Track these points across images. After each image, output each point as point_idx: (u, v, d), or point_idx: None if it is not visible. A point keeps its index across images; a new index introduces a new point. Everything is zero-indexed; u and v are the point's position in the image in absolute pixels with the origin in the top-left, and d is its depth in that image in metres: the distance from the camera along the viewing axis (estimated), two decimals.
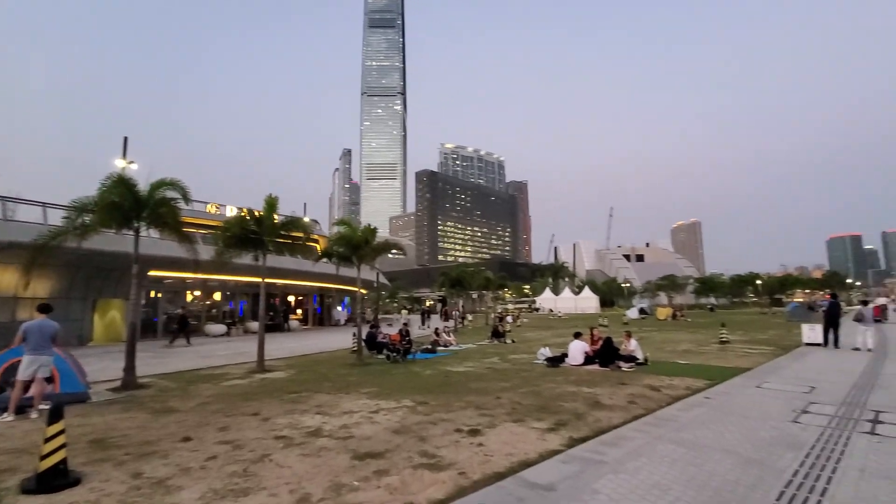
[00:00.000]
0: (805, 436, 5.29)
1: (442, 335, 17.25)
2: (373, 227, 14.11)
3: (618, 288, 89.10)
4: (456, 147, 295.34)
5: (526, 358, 13.23)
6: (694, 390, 8.04)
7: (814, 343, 14.61)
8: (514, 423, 6.09)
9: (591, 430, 5.70)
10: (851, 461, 4.47)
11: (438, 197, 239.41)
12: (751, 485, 3.95)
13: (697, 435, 5.37)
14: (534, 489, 3.92)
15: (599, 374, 10.02)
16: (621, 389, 8.26)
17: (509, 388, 8.67)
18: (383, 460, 4.78)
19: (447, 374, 10.58)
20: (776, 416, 6.16)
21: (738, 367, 10.80)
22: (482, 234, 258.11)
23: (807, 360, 11.85)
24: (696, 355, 13.35)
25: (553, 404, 7.17)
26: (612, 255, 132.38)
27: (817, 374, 9.58)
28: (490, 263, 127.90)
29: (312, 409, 7.23)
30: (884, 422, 5.84)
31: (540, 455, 4.80)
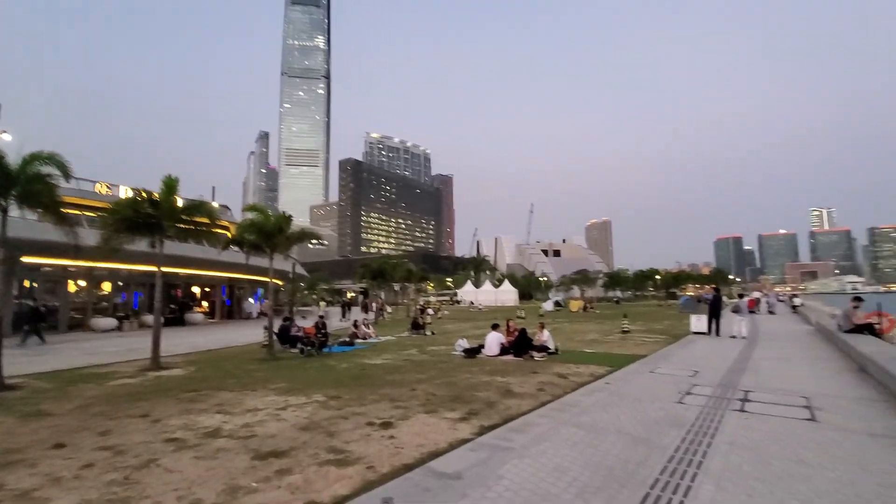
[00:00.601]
0: (687, 415, 5.85)
1: (361, 327, 16.91)
2: (287, 215, 13.38)
3: (536, 281, 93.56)
4: (382, 137, 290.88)
5: (444, 349, 13.37)
6: (597, 377, 8.58)
7: (700, 332, 16.30)
8: (427, 415, 6.09)
9: (501, 417, 5.85)
10: (723, 436, 5.00)
11: (363, 187, 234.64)
12: (639, 462, 4.26)
13: (596, 418, 5.72)
14: (441, 478, 3.92)
15: (513, 364, 10.38)
16: (532, 378, 8.61)
17: (425, 379, 8.68)
18: (287, 459, 4.53)
19: (363, 367, 10.37)
20: (664, 398, 6.75)
21: (635, 354, 11.73)
22: (406, 227, 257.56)
23: (693, 347, 13.18)
24: (601, 344, 14.32)
25: (467, 394, 7.28)
26: (532, 250, 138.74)
27: (701, 359, 10.68)
28: (413, 256, 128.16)
29: (212, 408, 6.70)
30: (751, 400, 6.63)
31: (450, 444, 4.83)
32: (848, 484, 3.77)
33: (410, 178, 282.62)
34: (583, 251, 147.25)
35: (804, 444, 4.74)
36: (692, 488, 3.70)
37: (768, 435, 5.03)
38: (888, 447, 4.63)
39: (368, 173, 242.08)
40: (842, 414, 5.88)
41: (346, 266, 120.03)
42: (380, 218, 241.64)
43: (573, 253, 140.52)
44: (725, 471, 4.06)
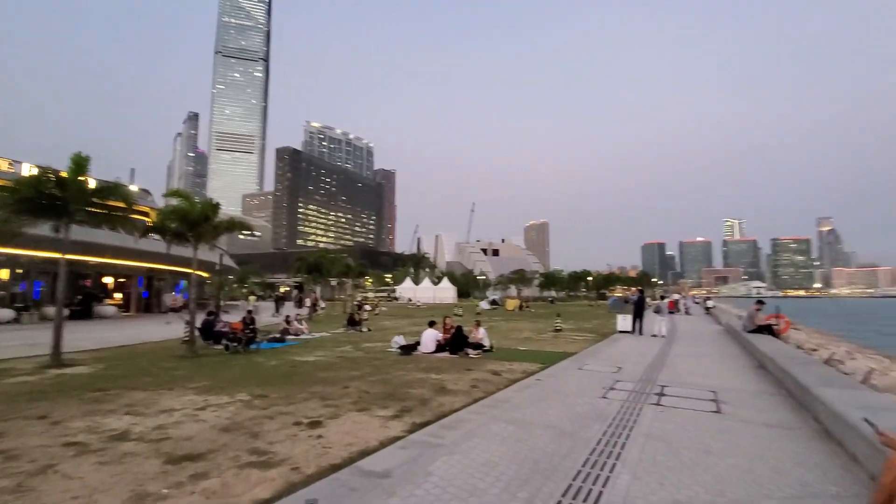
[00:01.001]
0: (610, 409, 6.16)
1: (293, 323, 16.29)
2: (215, 203, 12.54)
3: (474, 280, 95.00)
4: (323, 127, 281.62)
5: (380, 346, 13.19)
6: (529, 373, 8.83)
7: (625, 331, 17.30)
8: (358, 413, 5.95)
9: (433, 414, 5.84)
10: (640, 428, 5.31)
11: (301, 177, 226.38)
12: (564, 454, 4.42)
13: (526, 413, 5.87)
14: (369, 477, 3.84)
15: (448, 361, 10.43)
16: (466, 375, 8.69)
17: (359, 376, 8.51)
18: (204, 462, 4.24)
19: (294, 365, 9.97)
20: (590, 394, 7.07)
21: (566, 351, 12.22)
22: (346, 221, 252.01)
23: (619, 344, 13.96)
24: (534, 342, 14.78)
25: (401, 391, 7.21)
26: (472, 249, 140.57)
27: (625, 356, 11.32)
28: (352, 251, 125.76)
29: (121, 408, 6.14)
30: (666, 394, 7.10)
31: (380, 443, 4.75)
32: (747, 470, 4.12)
33: (352, 171, 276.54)
34: (521, 251, 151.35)
35: (710, 434, 5.14)
36: (611, 478, 3.88)
37: (679, 426, 5.41)
38: (781, 437, 5.13)
39: (307, 163, 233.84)
40: (743, 406, 6.45)
41: (281, 259, 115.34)
42: (318, 210, 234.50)
43: (511, 253, 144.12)
44: (641, 461, 4.31)
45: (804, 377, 6.47)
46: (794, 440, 4.99)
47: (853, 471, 4.11)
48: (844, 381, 6.60)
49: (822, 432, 5.22)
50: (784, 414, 6.10)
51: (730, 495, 3.61)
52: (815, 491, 3.72)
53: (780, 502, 3.51)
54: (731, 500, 3.53)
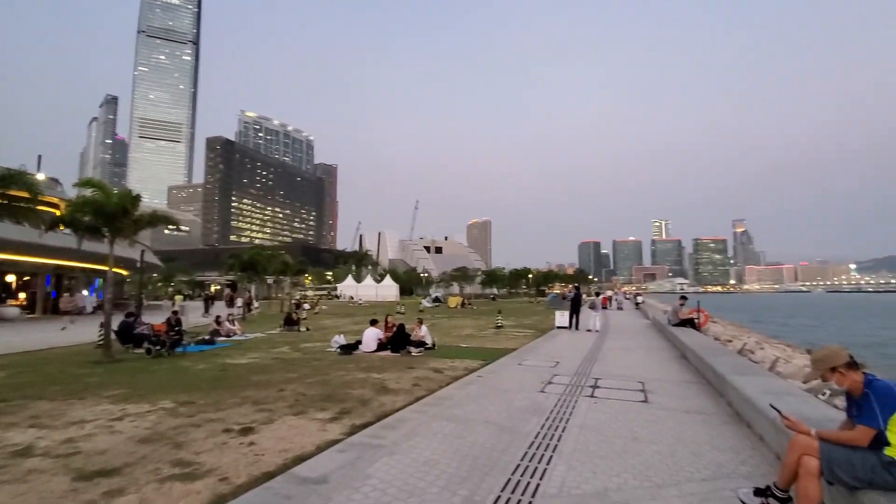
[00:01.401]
0: (547, 403, 6.35)
1: (224, 324, 15.42)
2: (135, 194, 11.53)
3: (417, 277, 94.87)
4: (259, 117, 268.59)
5: (319, 346, 12.80)
6: (470, 370, 8.91)
7: (563, 326, 17.99)
8: (295, 417, 5.71)
9: (374, 415, 5.73)
10: (576, 420, 5.51)
11: (234, 170, 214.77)
12: (503, 449, 4.48)
13: (467, 410, 5.92)
14: (304, 484, 3.68)
15: (390, 360, 10.31)
16: (408, 373, 8.63)
17: (296, 378, 8.19)
18: (120, 477, 3.88)
19: (224, 368, 9.42)
20: (529, 388, 7.26)
21: (506, 348, 12.48)
22: (284, 216, 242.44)
23: (557, 340, 14.47)
24: (476, 339, 14.98)
25: (340, 392, 7.01)
26: (415, 246, 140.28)
27: (562, 351, 11.76)
28: (291, 247, 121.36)
29: (24, 421, 5.50)
30: (600, 386, 7.44)
31: (317, 447, 4.58)
32: (669, 455, 4.39)
33: (290, 164, 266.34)
34: (463, 249, 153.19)
35: (638, 422, 5.44)
36: (548, 470, 3.99)
37: (611, 416, 5.68)
38: (699, 422, 5.52)
39: (242, 155, 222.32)
40: (667, 395, 6.89)
41: (213, 256, 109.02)
42: (253, 205, 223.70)
43: (454, 250, 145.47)
44: (576, 451, 4.46)
45: (720, 366, 7.01)
46: (711, 425, 5.39)
47: (761, 451, 4.50)
48: (754, 370, 7.23)
49: (735, 416, 5.68)
50: (703, 401, 6.58)
51: (655, 479, 3.82)
52: (728, 471, 4.02)
53: (698, 484, 3.76)
54: (656, 484, 3.74)
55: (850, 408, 2.97)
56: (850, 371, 2.86)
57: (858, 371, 2.87)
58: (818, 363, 2.98)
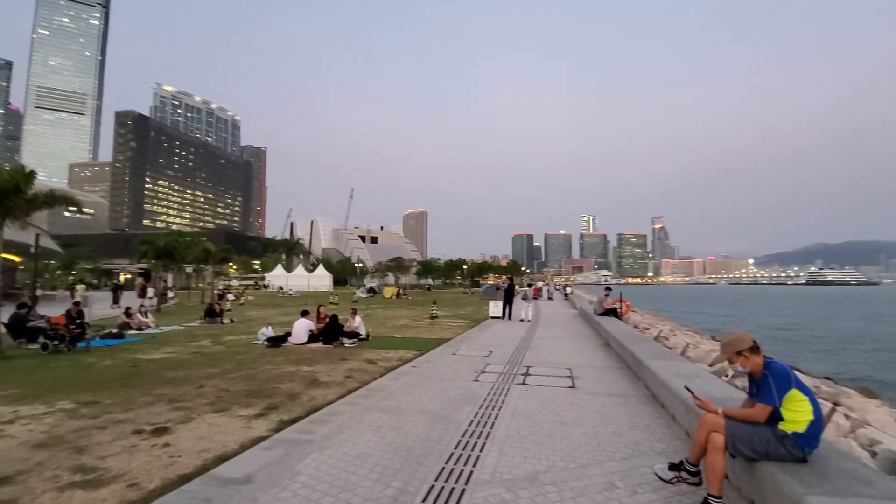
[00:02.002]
0: (481, 391, 6.45)
1: (136, 316, 14.15)
2: (28, 170, 10.18)
3: (351, 267, 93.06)
4: (178, 92, 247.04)
5: (244, 339, 12.13)
6: (405, 361, 8.86)
7: (496, 316, 18.41)
8: (216, 414, 5.35)
9: (304, 409, 5.50)
10: (508, 407, 5.65)
11: (149, 148, 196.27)
12: (437, 439, 4.48)
13: (401, 401, 5.86)
14: (226, 485, 3.45)
15: (322, 352, 10.00)
16: (341, 365, 8.41)
17: (217, 374, 7.68)
18: (11, 486, 3.44)
19: (135, 364, 8.63)
20: (463, 377, 7.34)
21: (441, 338, 12.56)
22: (206, 201, 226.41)
23: (490, 329, 14.79)
24: (411, 329, 14.94)
25: (267, 387, 6.67)
26: (349, 236, 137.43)
27: (495, 340, 12.03)
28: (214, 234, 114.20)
29: None
30: (531, 374, 7.69)
31: (241, 445, 4.31)
32: (593, 436, 4.63)
33: (214, 145, 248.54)
34: (399, 239, 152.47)
35: (566, 407, 5.68)
36: (481, 457, 4.04)
37: (541, 402, 5.88)
38: (620, 404, 5.88)
39: (158, 132, 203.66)
40: (592, 380, 7.27)
41: (122, 242, 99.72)
42: (171, 188, 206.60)
43: (390, 240, 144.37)
44: (508, 437, 4.57)
45: (639, 352, 7.51)
46: (630, 406, 5.76)
47: (673, 429, 4.87)
48: (668, 354, 7.82)
49: (651, 398, 6.11)
50: (623, 384, 7.02)
51: (580, 460, 4.01)
52: (645, 449, 4.31)
53: (619, 462, 3.98)
54: (581, 465, 3.91)
55: (751, 387, 3.27)
56: (752, 355, 3.14)
57: (760, 354, 3.15)
58: (726, 347, 3.25)
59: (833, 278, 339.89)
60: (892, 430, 5.51)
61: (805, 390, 3.00)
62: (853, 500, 2.44)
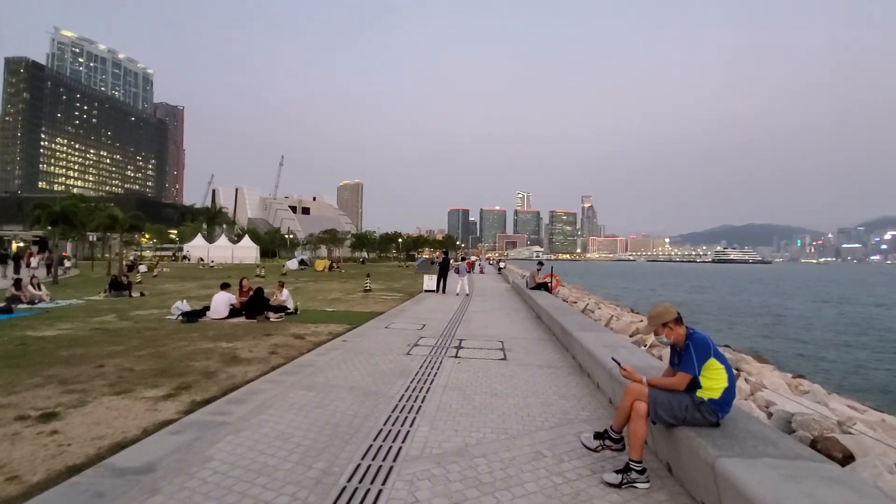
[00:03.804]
0: (413, 364, 6.34)
1: (27, 288, 12.50)
2: None
3: (281, 238, 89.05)
4: (80, 38, 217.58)
5: (156, 314, 11.11)
6: (335, 335, 8.54)
7: (431, 290, 18.43)
8: (116, 397, 4.79)
9: (220, 389, 5.08)
10: (440, 380, 5.58)
11: (45, 101, 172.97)
12: (366, 415, 4.31)
13: (329, 377, 5.60)
14: (123, 476, 3.06)
15: (244, 327, 9.39)
16: (265, 341, 7.93)
17: (121, 352, 6.94)
18: None
19: (23, 342, 7.58)
20: (395, 351, 7.19)
21: (374, 311, 12.31)
22: (113, 162, 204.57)
23: (424, 303, 14.73)
24: (343, 303, 14.51)
25: (179, 366, 6.11)
26: (279, 205, 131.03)
27: (429, 313, 11.98)
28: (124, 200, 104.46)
29: None
30: (464, 347, 7.69)
31: (144, 431, 3.88)
32: (523, 406, 4.68)
33: (122, 100, 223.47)
34: (333, 210, 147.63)
35: (497, 378, 5.72)
36: (411, 432, 3.93)
37: (473, 375, 5.88)
38: (549, 375, 6.02)
39: (55, 83, 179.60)
40: (523, 352, 7.42)
41: (14, 206, 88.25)
42: (71, 146, 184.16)
43: (323, 211, 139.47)
44: (439, 411, 4.49)
45: (567, 324, 7.75)
46: (558, 377, 5.92)
47: (598, 397, 5.06)
48: (594, 326, 8.16)
49: (578, 368, 6.33)
50: (552, 355, 7.23)
51: (511, 431, 4.02)
52: (571, 418, 4.42)
53: (547, 432, 4.04)
54: (511, 436, 3.93)
55: (672, 357, 3.38)
56: (676, 326, 3.24)
57: (682, 326, 3.26)
58: (653, 319, 3.32)
59: (735, 257, 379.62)
60: (784, 392, 6.15)
61: (721, 359, 3.14)
62: (760, 460, 2.59)
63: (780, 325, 24.79)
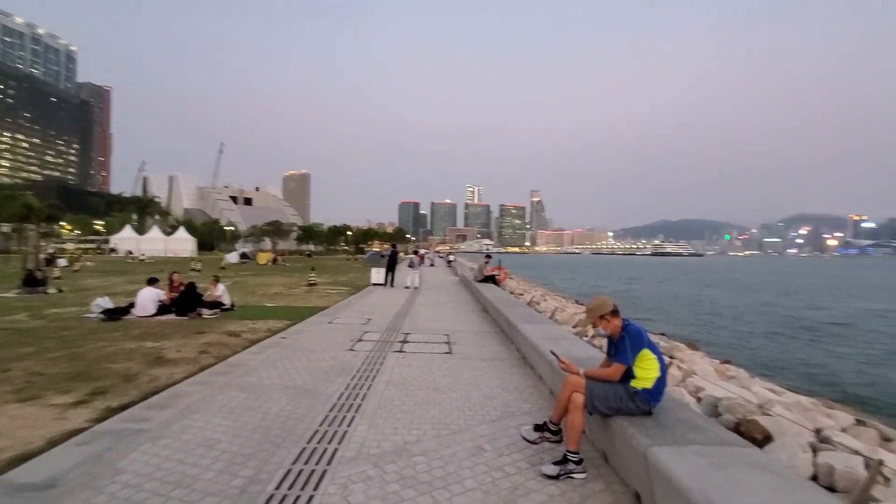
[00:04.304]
0: (355, 361, 6.15)
1: None
2: None
3: (220, 230, 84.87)
4: None
5: (74, 312, 10.16)
6: (274, 332, 8.16)
7: (378, 283, 18.12)
8: (20, 404, 4.30)
9: (140, 393, 4.68)
10: (382, 376, 5.45)
11: None
12: (301, 416, 4.11)
13: (263, 376, 5.32)
14: (20, 493, 2.74)
15: (174, 325, 8.77)
16: (196, 339, 7.43)
17: (32, 354, 6.26)
18: None
19: None
20: (337, 347, 6.96)
21: (318, 306, 11.92)
22: (31, 146, 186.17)
23: (371, 296, 14.46)
24: (285, 297, 13.96)
25: (95, 369, 5.58)
26: (218, 195, 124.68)
27: (375, 307, 11.75)
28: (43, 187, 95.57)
29: None
30: (409, 341, 7.58)
31: (49, 441, 3.49)
32: (466, 401, 4.64)
33: (41, 79, 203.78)
34: (278, 202, 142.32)
35: (441, 373, 5.66)
36: (348, 432, 3.78)
37: (417, 370, 5.79)
38: (493, 368, 6.04)
39: None
40: (468, 345, 7.41)
41: None
42: None
43: (267, 202, 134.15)
44: (379, 408, 4.36)
45: (513, 316, 7.83)
46: (502, 369, 5.95)
47: (540, 388, 5.12)
48: (539, 318, 8.30)
49: (522, 360, 6.40)
50: (497, 347, 7.27)
51: (452, 427, 3.96)
52: (513, 410, 4.43)
53: (489, 425, 4.03)
54: (452, 431, 3.87)
55: (609, 348, 3.44)
56: (613, 318, 3.29)
57: (619, 317, 3.31)
58: (591, 312, 3.36)
59: (671, 250, 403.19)
60: (712, 378, 6.53)
61: (654, 349, 3.23)
62: (689, 447, 2.67)
63: (709, 315, 26.56)
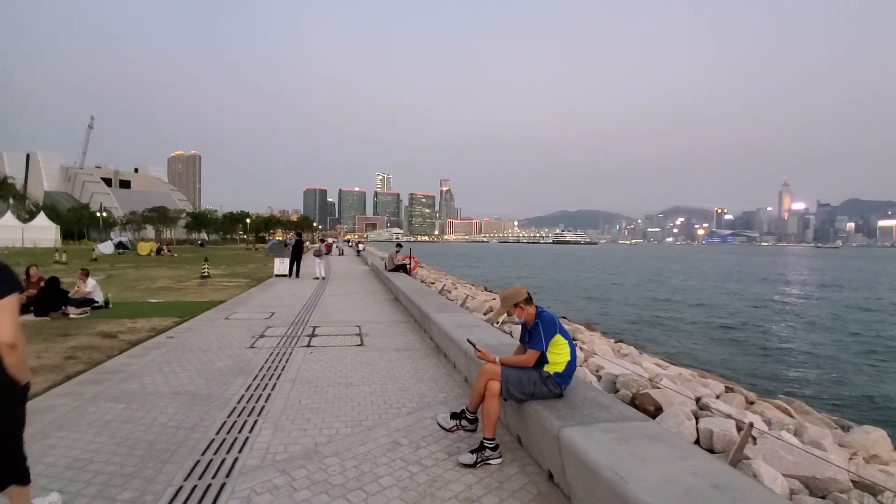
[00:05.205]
0: (257, 359, 5.67)
1: None
2: None
3: (91, 217, 74.51)
4: None
5: None
6: (159, 331, 7.28)
7: (282, 274, 17.08)
8: None
9: None
10: (288, 374, 5.08)
11: None
12: (194, 425, 3.66)
13: (147, 383, 4.68)
14: None
15: (33, 328, 7.44)
16: (60, 344, 6.37)
17: None
18: None
19: None
20: (236, 345, 6.38)
21: (212, 300, 10.92)
22: None
23: (274, 289, 13.56)
24: (172, 292, 12.59)
25: None
26: (88, 177, 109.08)
27: (279, 300, 11.03)
28: None
29: None
30: (318, 335, 7.19)
31: None
32: (380, 394, 4.49)
33: None
34: (162, 185, 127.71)
35: (353, 367, 5.43)
36: (250, 438, 3.44)
37: (327, 365, 5.50)
38: (407, 358, 5.94)
39: None
40: (381, 336, 7.23)
41: None
42: None
43: (149, 186, 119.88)
44: (286, 409, 4.05)
45: (425, 306, 7.78)
46: (416, 359, 5.87)
47: (454, 377, 5.12)
48: (451, 307, 8.33)
49: (436, 349, 6.38)
50: (410, 338, 7.18)
51: (366, 423, 3.80)
52: (429, 401, 4.37)
53: (404, 418, 3.92)
54: (367, 427, 3.71)
55: (523, 335, 3.50)
56: (527, 306, 3.34)
57: (532, 305, 3.37)
58: (505, 300, 3.38)
59: (570, 239, 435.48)
60: (610, 356, 7.08)
61: (565, 335, 3.34)
62: (596, 426, 2.79)
63: (602, 299, 29.07)
